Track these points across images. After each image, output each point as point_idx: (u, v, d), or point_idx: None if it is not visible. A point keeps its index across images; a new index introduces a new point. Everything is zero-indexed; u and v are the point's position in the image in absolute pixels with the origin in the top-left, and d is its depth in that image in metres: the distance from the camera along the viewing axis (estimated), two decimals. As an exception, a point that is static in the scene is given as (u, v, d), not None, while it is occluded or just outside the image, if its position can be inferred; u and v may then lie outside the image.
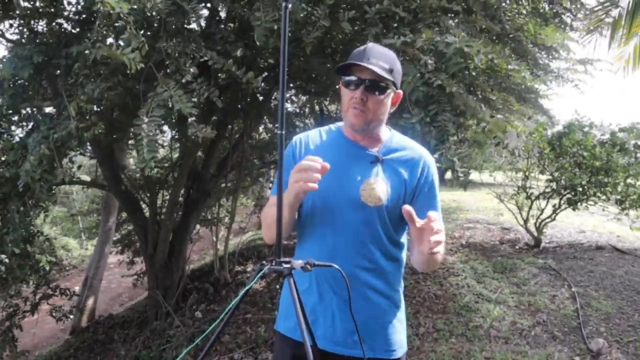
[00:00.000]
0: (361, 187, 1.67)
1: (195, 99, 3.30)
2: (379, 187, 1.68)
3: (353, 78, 1.62)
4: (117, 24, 2.89)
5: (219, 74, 3.42)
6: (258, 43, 3.13)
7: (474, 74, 3.40)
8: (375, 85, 1.61)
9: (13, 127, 4.86)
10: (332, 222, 1.68)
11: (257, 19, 3.08)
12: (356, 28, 3.55)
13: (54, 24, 4.02)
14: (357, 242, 1.67)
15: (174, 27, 3.38)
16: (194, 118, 3.19)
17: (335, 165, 1.62)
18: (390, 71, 1.62)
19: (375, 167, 1.70)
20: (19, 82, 4.02)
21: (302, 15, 3.22)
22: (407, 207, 1.45)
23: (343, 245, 1.67)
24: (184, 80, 3.20)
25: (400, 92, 1.73)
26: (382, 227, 1.69)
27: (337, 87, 1.74)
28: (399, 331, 1.79)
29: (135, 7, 2.93)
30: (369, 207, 1.67)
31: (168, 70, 3.33)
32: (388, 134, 1.79)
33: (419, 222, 1.45)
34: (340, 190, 1.68)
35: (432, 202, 1.73)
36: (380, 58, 1.61)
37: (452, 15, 3.64)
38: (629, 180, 5.99)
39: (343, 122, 1.79)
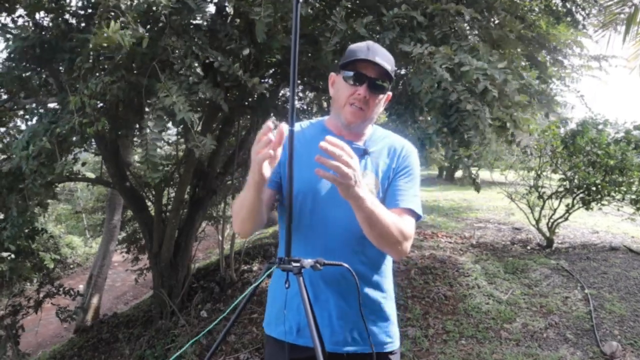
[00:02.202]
0: None
1: (201, 95, 3.31)
2: (368, 180, 1.67)
3: (355, 73, 1.59)
4: (121, 19, 2.88)
5: (225, 76, 3.41)
6: (259, 40, 3.12)
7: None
8: (379, 84, 1.60)
9: (19, 122, 4.89)
10: (323, 219, 1.65)
11: (256, 13, 3.07)
12: (370, 33, 3.54)
13: (59, 19, 4.03)
14: (350, 238, 1.65)
15: (179, 24, 3.38)
16: (198, 127, 3.20)
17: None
18: (392, 72, 1.63)
19: (363, 160, 1.69)
20: (17, 65, 4.02)
21: (308, 10, 3.22)
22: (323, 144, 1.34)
23: (336, 244, 1.65)
24: (190, 81, 3.19)
25: (390, 93, 1.72)
26: None
27: (331, 80, 1.71)
28: (394, 323, 1.81)
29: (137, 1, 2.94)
30: None
31: (174, 67, 3.32)
32: (371, 128, 1.78)
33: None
34: (329, 186, 1.64)
35: (403, 189, 1.69)
36: (383, 57, 1.60)
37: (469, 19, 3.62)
38: (644, 180, 5.95)
39: (329, 116, 1.77)
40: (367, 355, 1.68)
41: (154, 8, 2.97)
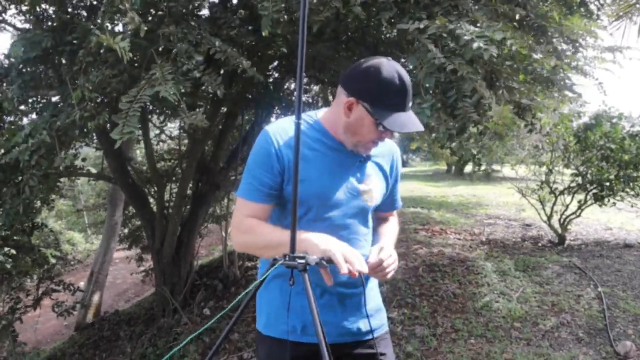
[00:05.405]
0: (362, 189, 1.71)
1: (196, 76, 3.29)
2: (375, 186, 1.76)
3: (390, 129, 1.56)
4: (121, 7, 2.88)
5: (223, 65, 3.39)
6: (264, 33, 3.10)
7: (494, 59, 3.34)
8: None
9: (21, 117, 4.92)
10: (331, 225, 1.65)
11: (264, 8, 3.06)
12: (364, 15, 3.51)
13: (61, 11, 4.05)
14: (358, 240, 1.74)
15: (179, 12, 3.38)
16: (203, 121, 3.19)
17: (328, 167, 1.66)
18: None
19: (365, 166, 1.75)
20: (27, 70, 4.05)
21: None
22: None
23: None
24: (184, 69, 3.18)
25: None
26: (370, 219, 1.85)
27: (348, 101, 1.59)
28: (383, 307, 1.94)
29: None
30: (368, 207, 1.75)
31: (171, 54, 3.32)
32: None
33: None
34: (341, 193, 1.68)
35: (397, 191, 1.96)
36: (410, 97, 1.58)
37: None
38: (659, 175, 5.91)
39: (326, 115, 1.73)
40: (366, 341, 1.79)
41: None
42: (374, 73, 1.53)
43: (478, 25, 3.13)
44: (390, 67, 1.54)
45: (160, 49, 3.45)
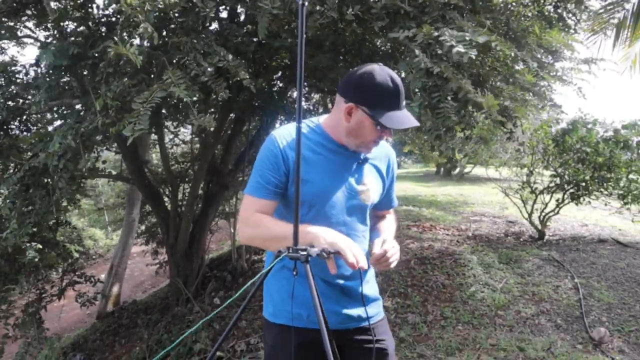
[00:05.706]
0: (359, 189, 1.71)
1: (203, 79, 3.29)
2: (372, 186, 1.75)
3: (389, 126, 1.57)
4: (136, 19, 2.89)
5: (229, 76, 3.39)
6: (260, 36, 3.09)
7: (480, 65, 3.34)
8: None
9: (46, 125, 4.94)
10: (331, 222, 1.66)
11: (265, 4, 3.04)
12: (360, 30, 3.52)
13: (82, 28, 4.05)
14: (356, 236, 1.72)
15: (190, 26, 3.38)
16: (211, 127, 3.19)
17: (329, 169, 1.66)
18: None
19: (363, 168, 1.75)
20: (53, 77, 4.06)
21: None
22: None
23: None
24: (192, 74, 3.18)
25: None
26: (368, 217, 1.83)
27: (347, 106, 1.59)
28: (379, 297, 1.91)
29: (149, 7, 2.95)
30: (365, 206, 1.75)
31: (181, 62, 3.33)
32: None
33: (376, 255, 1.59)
34: (340, 193, 1.69)
35: (393, 191, 1.96)
36: (404, 95, 1.59)
37: (458, 12, 3.59)
38: (631, 176, 5.91)
39: (327, 121, 1.72)
40: (365, 327, 1.78)
41: (163, 5, 2.97)
42: (368, 79, 1.54)
43: (464, 31, 3.13)
44: (382, 71, 1.55)
45: (174, 61, 3.46)
